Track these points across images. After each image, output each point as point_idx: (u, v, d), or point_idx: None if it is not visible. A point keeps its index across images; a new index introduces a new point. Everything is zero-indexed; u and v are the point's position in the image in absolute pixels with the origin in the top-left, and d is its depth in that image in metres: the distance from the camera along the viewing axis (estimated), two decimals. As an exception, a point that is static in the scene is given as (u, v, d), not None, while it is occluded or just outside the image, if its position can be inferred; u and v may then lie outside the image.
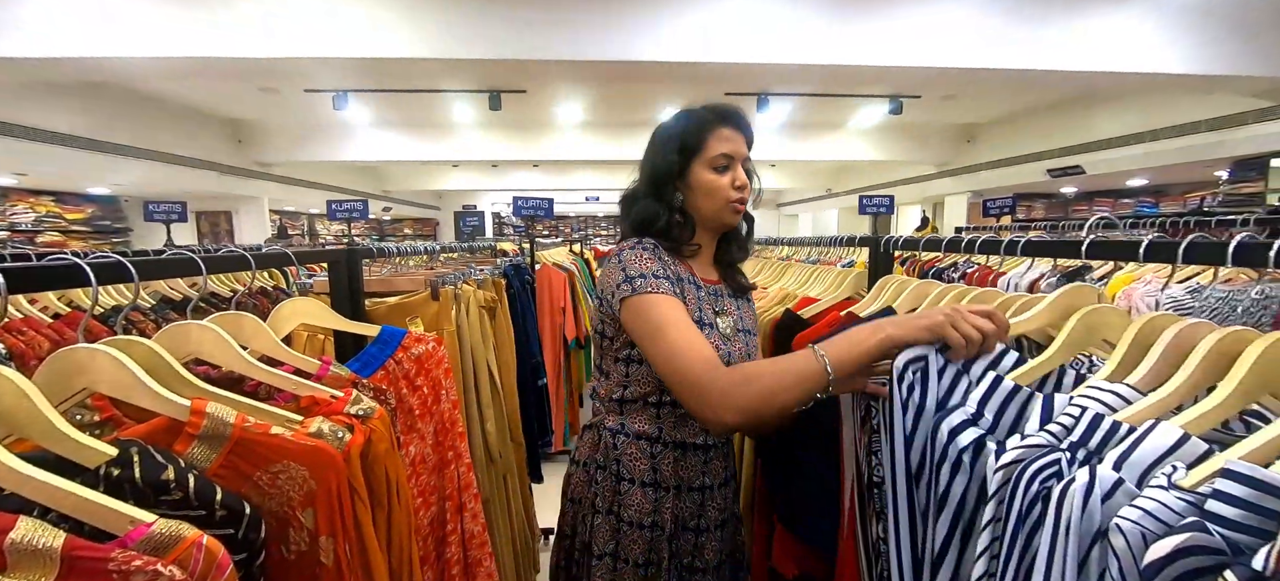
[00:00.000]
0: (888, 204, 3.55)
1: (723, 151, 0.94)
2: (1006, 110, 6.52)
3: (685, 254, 0.99)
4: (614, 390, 0.96)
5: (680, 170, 0.96)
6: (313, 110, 5.75)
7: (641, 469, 0.94)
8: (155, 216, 3.30)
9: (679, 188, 0.97)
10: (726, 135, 0.95)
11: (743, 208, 0.99)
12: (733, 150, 0.95)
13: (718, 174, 0.95)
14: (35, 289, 0.56)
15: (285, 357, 0.80)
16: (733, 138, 0.96)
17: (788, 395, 0.75)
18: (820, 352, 0.74)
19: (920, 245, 1.19)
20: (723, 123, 0.96)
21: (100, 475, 0.48)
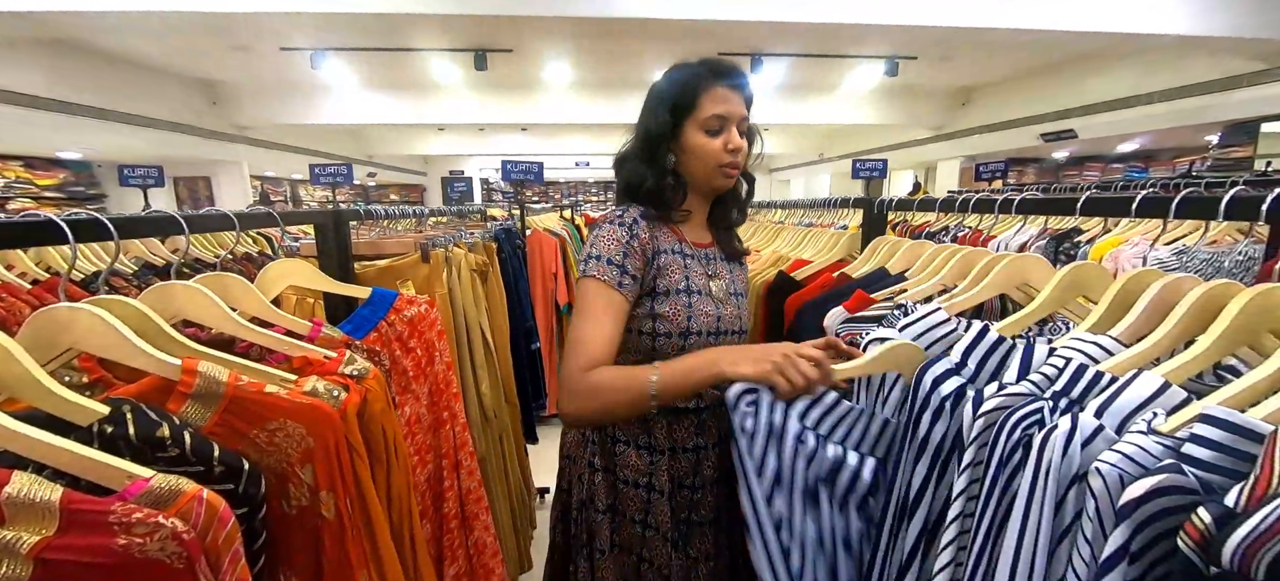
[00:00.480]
0: (881, 167, 3.54)
1: (716, 112, 0.91)
2: (1002, 72, 6.44)
3: (676, 219, 0.97)
4: None
5: (672, 131, 0.93)
6: (290, 69, 5.53)
7: (634, 432, 0.95)
8: (131, 181, 3.20)
9: (672, 149, 0.94)
10: (721, 94, 0.91)
11: (736, 172, 0.95)
12: (727, 110, 0.91)
13: (710, 136, 0.92)
14: (10, 245, 0.54)
15: (275, 319, 0.79)
16: (728, 96, 0.91)
17: (622, 411, 0.86)
18: (653, 379, 0.80)
19: (914, 205, 1.19)
20: (718, 80, 0.91)
21: (94, 432, 0.48)
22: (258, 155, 7.34)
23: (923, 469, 0.67)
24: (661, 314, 0.90)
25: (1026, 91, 6.34)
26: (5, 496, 0.37)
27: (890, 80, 5.50)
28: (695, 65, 0.93)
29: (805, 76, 6.54)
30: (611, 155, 1.03)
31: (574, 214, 4.26)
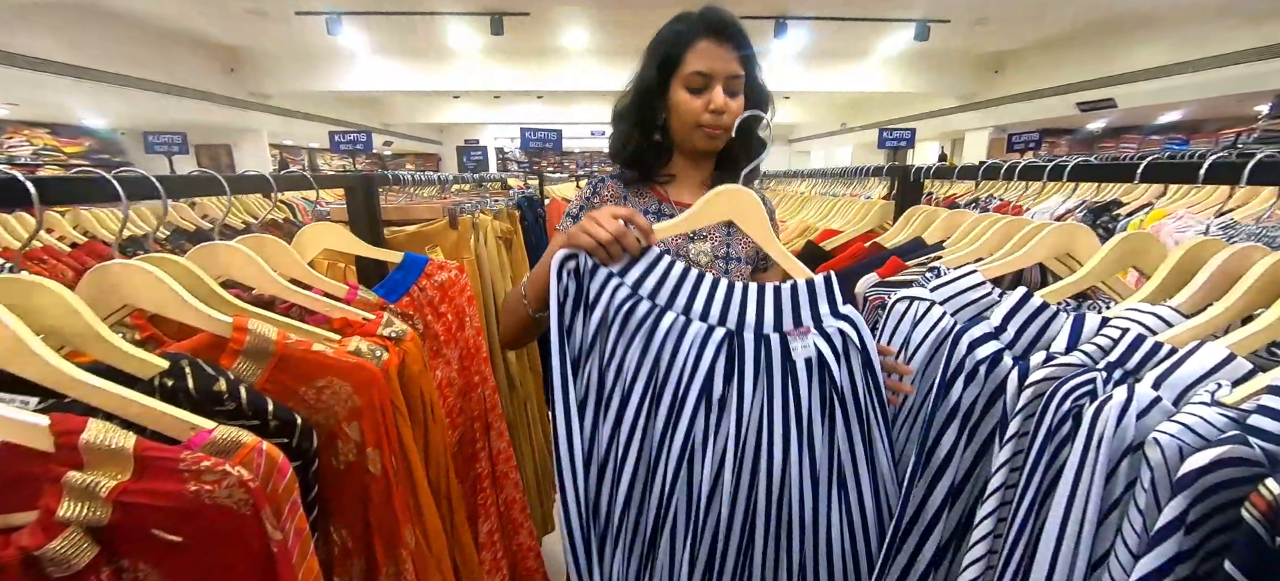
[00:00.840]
0: (909, 137, 3.43)
1: (698, 68, 0.85)
2: (1038, 38, 6.14)
3: (659, 180, 0.95)
4: None
5: (659, 87, 0.89)
6: (307, 35, 5.50)
7: None
8: (156, 148, 3.23)
9: (660, 106, 0.90)
10: (706, 48, 0.85)
11: (718, 133, 0.89)
12: (711, 67, 0.85)
13: (691, 94, 0.87)
14: (67, 202, 0.55)
15: (313, 281, 0.80)
16: (714, 52, 0.85)
17: (516, 322, 0.82)
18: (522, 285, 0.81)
19: (954, 173, 1.16)
20: (705, 33, 0.85)
21: (155, 386, 0.49)
22: (276, 123, 7.39)
23: (951, 433, 0.66)
24: None
25: (1063, 59, 6.05)
26: (83, 442, 0.38)
27: (919, 46, 5.30)
28: (690, 17, 0.88)
29: (832, 41, 6.32)
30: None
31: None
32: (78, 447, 0.38)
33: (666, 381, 0.65)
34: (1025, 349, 0.68)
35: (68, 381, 0.44)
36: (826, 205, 1.61)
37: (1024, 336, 0.68)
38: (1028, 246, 0.83)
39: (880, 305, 0.79)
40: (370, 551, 0.64)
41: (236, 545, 0.42)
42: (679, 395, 0.66)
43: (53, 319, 0.47)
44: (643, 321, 0.65)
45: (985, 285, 0.73)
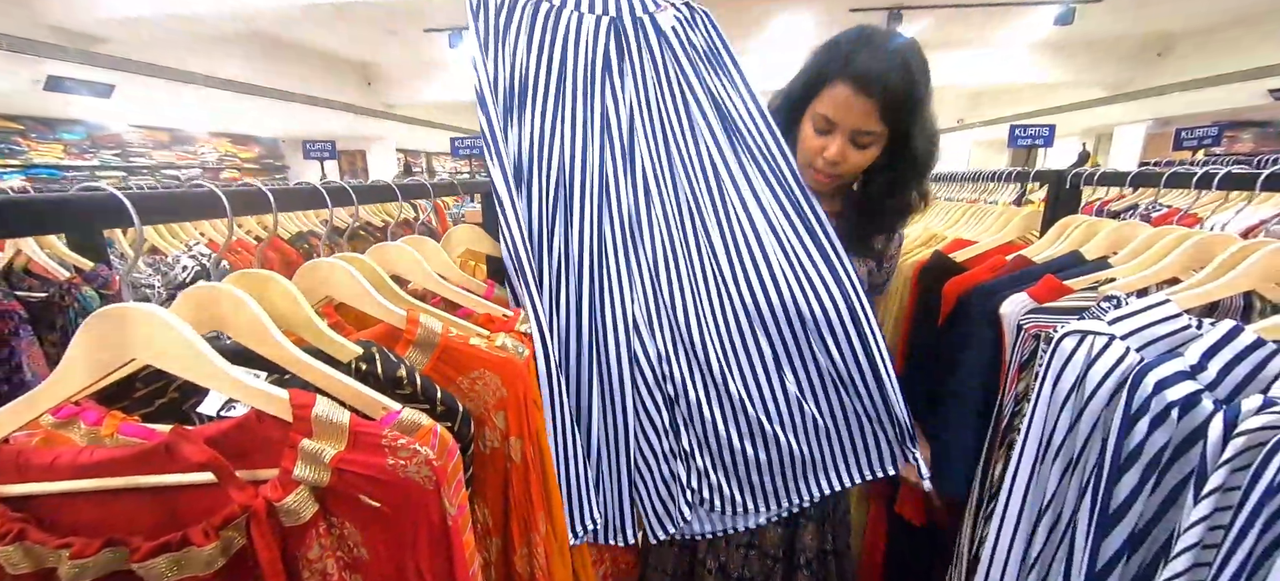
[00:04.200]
0: (1048, 135, 3.03)
1: (825, 112, 0.83)
2: (1216, 13, 5.15)
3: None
4: None
5: (800, 106, 0.88)
6: (431, 50, 6.07)
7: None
8: (312, 155, 3.75)
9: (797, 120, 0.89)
10: (840, 95, 0.81)
11: (827, 181, 0.87)
12: (839, 117, 0.82)
13: (815, 133, 0.85)
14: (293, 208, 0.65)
15: (457, 278, 0.88)
16: (848, 102, 0.80)
17: None
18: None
19: (1127, 180, 1.01)
20: (846, 79, 0.81)
21: (351, 368, 0.57)
22: (403, 131, 8.26)
23: (1133, 477, 0.59)
24: None
25: (1248, 36, 5.03)
26: (314, 415, 0.45)
27: (1062, 30, 4.66)
28: (847, 47, 0.83)
29: (953, 31, 5.76)
30: None
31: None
32: (310, 419, 0.45)
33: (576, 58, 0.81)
34: (1231, 392, 0.58)
35: (294, 362, 0.52)
36: (954, 211, 1.47)
37: (1230, 377, 0.58)
38: (1238, 271, 0.70)
39: (1038, 335, 0.71)
40: (507, 531, 0.69)
41: (421, 515, 0.47)
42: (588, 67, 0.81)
43: (281, 307, 0.56)
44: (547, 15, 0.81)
45: (1182, 317, 0.63)
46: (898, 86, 0.78)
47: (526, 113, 0.79)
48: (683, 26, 0.85)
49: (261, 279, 0.56)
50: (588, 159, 0.79)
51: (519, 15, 0.80)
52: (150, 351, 0.45)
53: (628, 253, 0.79)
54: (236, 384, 0.45)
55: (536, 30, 0.80)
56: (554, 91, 0.80)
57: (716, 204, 0.82)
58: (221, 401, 0.57)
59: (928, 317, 1.16)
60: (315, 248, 1.70)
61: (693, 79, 0.84)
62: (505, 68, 0.80)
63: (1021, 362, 0.83)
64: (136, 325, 0.44)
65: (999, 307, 0.89)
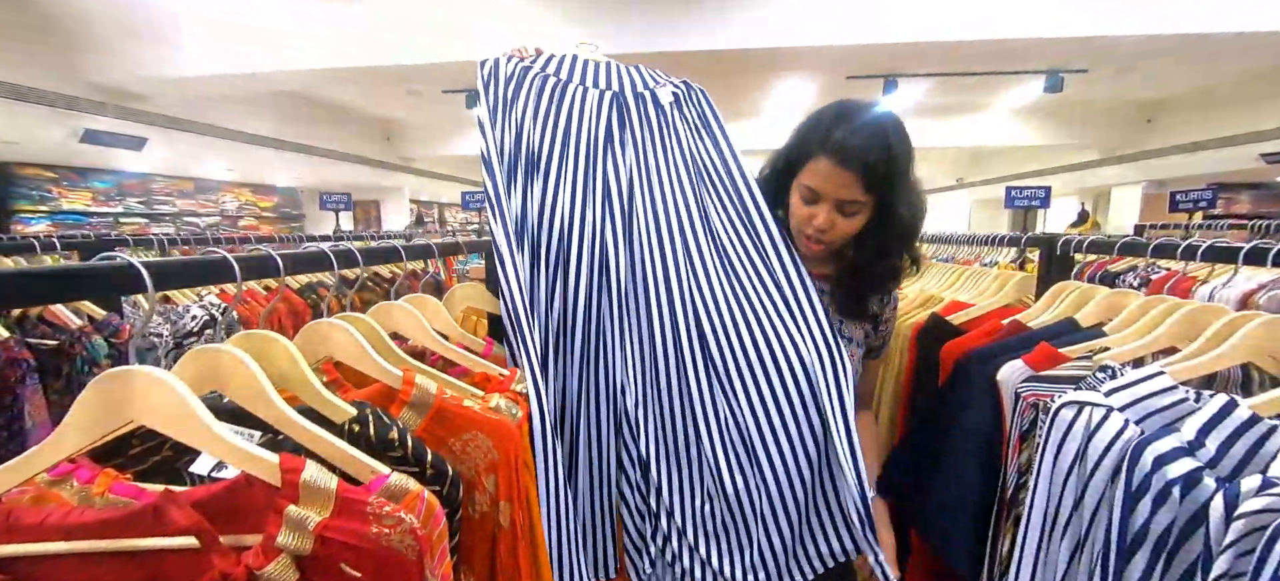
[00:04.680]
0: (1043, 197, 3.10)
1: (809, 184, 0.85)
2: (1202, 82, 5.35)
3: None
4: None
5: (785, 178, 0.91)
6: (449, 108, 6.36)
7: None
8: (328, 205, 3.89)
9: (786, 191, 0.92)
10: (823, 168, 0.83)
11: (818, 248, 0.89)
12: (822, 187, 0.84)
13: (802, 202, 0.88)
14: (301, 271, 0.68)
15: (457, 336, 0.90)
16: (831, 174, 0.82)
17: None
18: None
19: (1114, 248, 1.02)
20: (828, 153, 0.82)
21: (344, 430, 0.58)
22: (417, 182, 8.54)
23: (1142, 559, 0.57)
24: None
25: (1237, 103, 5.20)
26: (302, 480, 0.45)
27: (1052, 96, 4.84)
28: (828, 122, 0.85)
29: (947, 96, 6.01)
30: None
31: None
32: (298, 484, 0.45)
33: (580, 128, 0.87)
34: (1232, 470, 0.57)
35: (287, 423, 0.53)
36: (951, 274, 1.49)
37: (1229, 455, 0.57)
38: (1231, 344, 0.70)
39: (1037, 404, 0.71)
40: (493, 601, 0.67)
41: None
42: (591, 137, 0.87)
43: (281, 366, 0.57)
44: (554, 88, 0.89)
45: (1176, 390, 0.63)
46: (877, 159, 0.81)
47: (531, 180, 0.84)
48: (680, 101, 0.91)
49: (264, 339, 0.58)
50: (588, 224, 0.83)
51: (527, 88, 0.87)
52: (149, 413, 0.46)
53: (622, 319, 0.81)
54: (228, 447, 0.46)
55: (543, 102, 0.86)
56: (557, 160, 0.85)
57: (700, 269, 0.85)
58: (214, 461, 0.57)
59: (927, 380, 1.15)
60: (324, 297, 1.74)
61: (687, 147, 0.90)
62: (511, 136, 0.85)
63: (1022, 432, 0.82)
64: (139, 388, 0.45)
65: (996, 374, 0.88)
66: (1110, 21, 3.14)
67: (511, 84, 0.88)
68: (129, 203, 6.21)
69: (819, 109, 0.90)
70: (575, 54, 0.94)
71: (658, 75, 0.97)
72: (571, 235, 0.82)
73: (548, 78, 0.89)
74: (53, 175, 5.55)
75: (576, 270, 0.82)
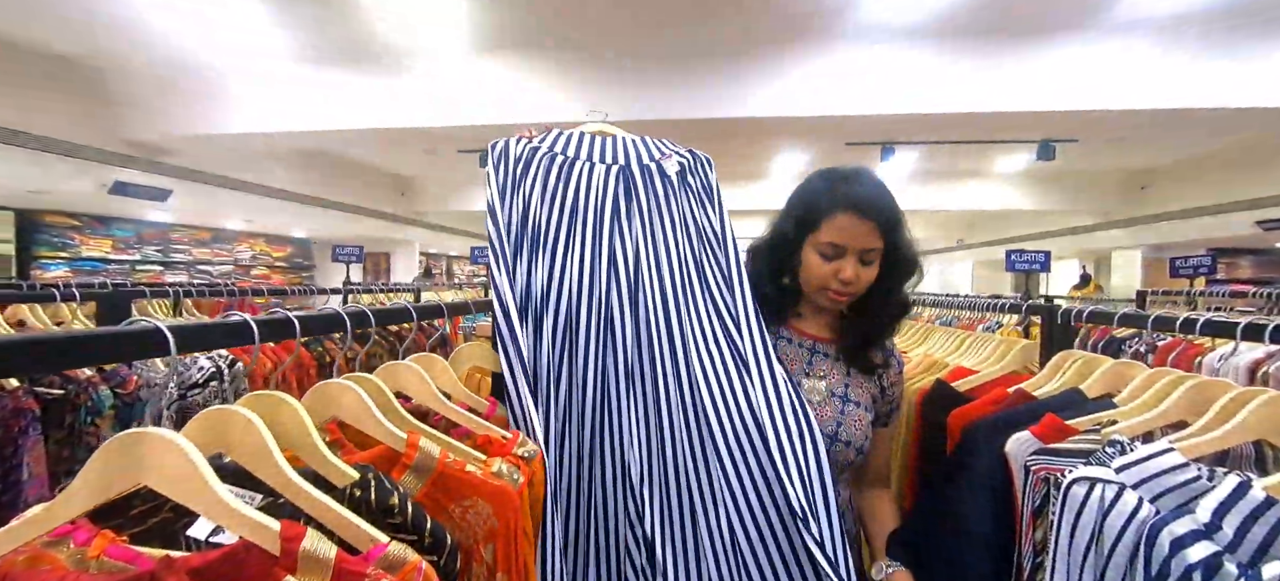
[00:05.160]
0: (1043, 261, 3.13)
1: (832, 240, 0.89)
2: (1194, 151, 5.50)
3: (788, 315, 1.00)
4: None
5: (795, 240, 0.94)
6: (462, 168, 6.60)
7: None
8: (340, 257, 3.98)
9: (793, 257, 0.95)
10: (845, 223, 0.88)
11: (843, 300, 0.92)
12: (846, 240, 0.88)
13: (823, 260, 0.90)
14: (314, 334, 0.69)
15: (461, 396, 0.90)
16: (851, 226, 0.88)
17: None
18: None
19: (1115, 319, 1.03)
20: (846, 208, 0.88)
21: (345, 494, 0.58)
22: (427, 235, 8.74)
23: None
24: None
25: (1230, 171, 5.32)
26: (301, 549, 0.45)
27: (1046, 163, 4.98)
28: (832, 183, 0.91)
29: (943, 162, 6.20)
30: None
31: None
32: (296, 554, 0.45)
33: (587, 203, 0.90)
34: (1253, 556, 0.55)
35: (289, 486, 0.53)
36: (955, 338, 1.49)
37: (1248, 539, 0.56)
38: (1240, 420, 0.70)
39: (1048, 479, 0.70)
40: (486, 680, 0.64)
41: (395, 664, 0.45)
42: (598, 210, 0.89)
43: (288, 429, 0.58)
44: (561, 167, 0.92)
45: (1189, 467, 0.62)
46: (887, 205, 0.89)
47: (538, 253, 0.87)
48: (686, 171, 0.95)
49: (273, 401, 0.59)
50: (595, 293, 0.85)
51: (535, 168, 0.91)
52: (158, 476, 0.46)
53: (628, 389, 0.82)
54: (232, 514, 0.46)
55: (551, 180, 0.90)
56: (565, 234, 0.88)
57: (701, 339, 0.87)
58: (212, 525, 0.57)
59: (934, 446, 1.14)
60: (330, 351, 1.75)
61: (691, 216, 0.93)
62: (518, 214, 0.88)
63: (1034, 509, 0.81)
64: (149, 451, 0.46)
65: (1004, 445, 0.87)
66: (1097, 96, 3.27)
67: (520, 165, 0.91)
68: (147, 251, 6.37)
69: (810, 177, 0.96)
70: (582, 130, 0.98)
71: (665, 145, 1.00)
72: (579, 304, 0.84)
73: (556, 156, 0.92)
74: (77, 223, 5.73)
75: (584, 339, 0.83)
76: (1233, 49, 3.14)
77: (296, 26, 3.44)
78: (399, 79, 3.90)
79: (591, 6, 3.17)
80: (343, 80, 3.95)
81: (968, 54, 3.36)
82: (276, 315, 0.64)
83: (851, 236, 0.88)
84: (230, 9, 3.20)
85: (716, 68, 3.58)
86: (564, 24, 3.40)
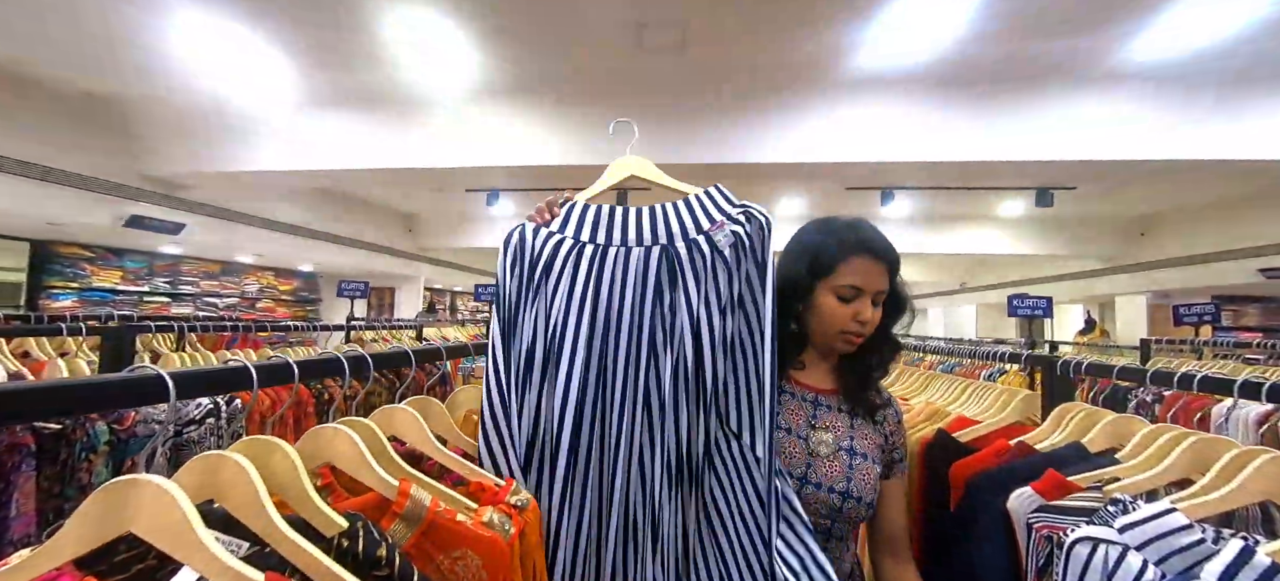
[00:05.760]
0: (1045, 306, 3.11)
1: (852, 282, 0.91)
2: (1191, 200, 5.56)
3: (791, 365, 0.98)
4: None
5: (807, 287, 0.94)
6: (469, 205, 6.73)
7: None
8: (345, 293, 4.01)
9: (801, 300, 0.95)
10: (862, 266, 0.91)
11: (857, 340, 0.93)
12: (864, 283, 0.91)
13: (841, 302, 0.92)
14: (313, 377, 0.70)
15: (456, 442, 0.90)
16: (868, 269, 0.91)
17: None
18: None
19: (1115, 372, 1.03)
20: (861, 251, 0.91)
21: (333, 544, 0.57)
22: (432, 271, 8.82)
23: None
24: None
25: (1233, 220, 5.35)
26: (284, 602, 0.45)
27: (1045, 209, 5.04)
28: (844, 230, 0.94)
29: (942, 206, 6.28)
30: None
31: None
32: (280, 606, 0.45)
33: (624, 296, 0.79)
34: (1263, 625, 0.54)
35: (276, 536, 0.52)
36: (957, 386, 1.48)
37: (1258, 610, 0.54)
38: (1242, 481, 0.69)
39: (1051, 538, 0.68)
40: None
41: None
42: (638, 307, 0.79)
43: (280, 475, 0.58)
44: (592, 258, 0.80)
45: (1193, 529, 0.61)
46: (893, 249, 0.93)
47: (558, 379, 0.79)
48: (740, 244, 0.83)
49: (266, 446, 0.59)
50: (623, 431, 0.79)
51: (560, 264, 0.80)
52: (146, 524, 0.46)
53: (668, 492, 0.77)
54: (220, 567, 0.46)
55: (582, 271, 0.80)
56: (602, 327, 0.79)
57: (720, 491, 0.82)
58: (195, 575, 0.56)
59: (937, 496, 1.11)
60: (330, 388, 1.75)
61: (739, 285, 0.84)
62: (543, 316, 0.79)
63: (1038, 569, 0.79)
64: (141, 497, 0.46)
65: (1006, 502, 0.86)
66: (1090, 147, 3.34)
67: (540, 265, 0.80)
68: (156, 282, 6.44)
69: (807, 227, 0.99)
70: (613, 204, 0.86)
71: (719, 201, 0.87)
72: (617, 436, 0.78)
73: (583, 246, 0.81)
74: (89, 254, 5.82)
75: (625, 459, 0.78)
76: (1225, 102, 3.22)
77: (315, 71, 3.59)
78: (412, 121, 4.03)
79: (597, 58, 3.30)
80: (358, 122, 4.09)
81: (962, 103, 3.45)
82: (275, 361, 0.64)
83: (867, 279, 0.91)
84: (252, 53, 3.35)
85: (721, 115, 3.69)
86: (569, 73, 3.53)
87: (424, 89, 3.79)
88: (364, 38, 3.14)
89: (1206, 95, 3.23)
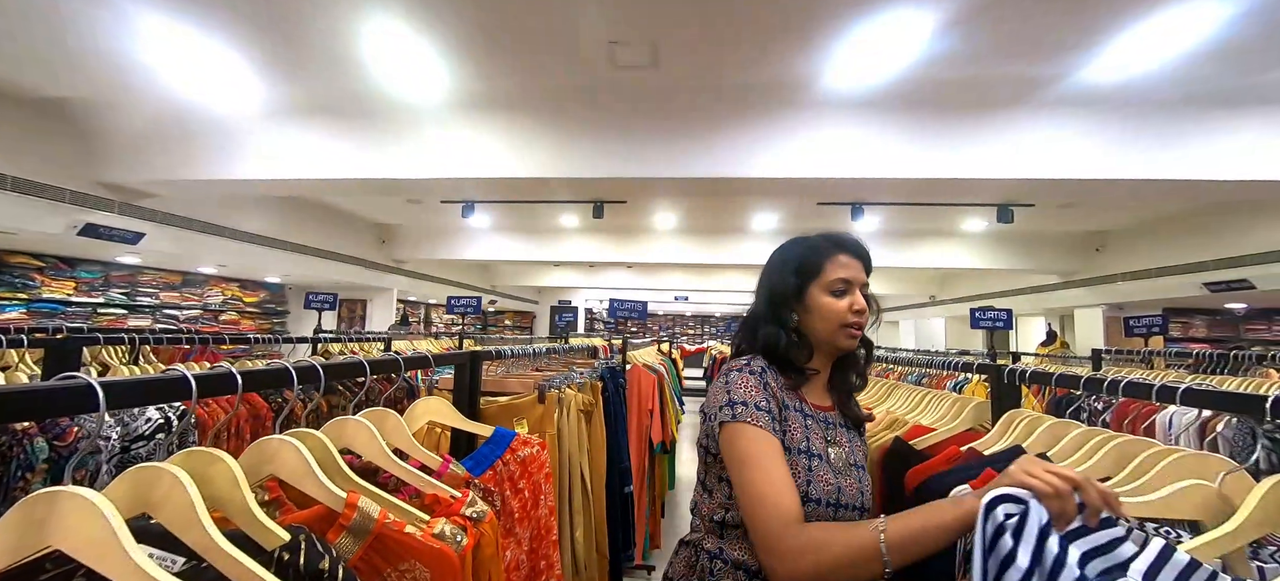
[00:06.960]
0: (1005, 319, 3.24)
1: (841, 276, 0.97)
2: (1143, 217, 5.86)
3: (802, 378, 0.97)
4: (715, 510, 0.92)
5: (797, 291, 0.98)
6: (444, 217, 6.66)
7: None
8: (313, 305, 3.91)
9: (795, 309, 0.98)
10: (844, 261, 0.98)
11: (858, 332, 0.98)
12: (851, 275, 0.97)
13: (835, 297, 0.97)
14: (260, 387, 0.68)
15: (414, 454, 0.89)
16: (850, 263, 0.98)
17: (843, 572, 0.70)
18: (882, 534, 0.68)
19: (1053, 379, 1.08)
20: (840, 250, 0.99)
21: (273, 557, 0.56)
22: (406, 283, 8.66)
23: None
24: None
25: (1180, 236, 5.65)
26: (215, 616, 0.44)
27: (1006, 226, 5.24)
28: (822, 237, 1.01)
29: (910, 222, 6.47)
30: (707, 291, 1.10)
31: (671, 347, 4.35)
32: (209, 621, 0.44)
33: None
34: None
35: (213, 551, 0.51)
36: (916, 396, 1.53)
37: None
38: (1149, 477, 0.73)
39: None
40: None
41: None
42: None
43: (219, 488, 0.57)
44: None
45: (1119, 526, 0.64)
46: (864, 245, 1.01)
47: None
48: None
49: (206, 458, 0.58)
50: None
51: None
52: (69, 538, 0.45)
53: None
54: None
55: None
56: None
57: None
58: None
59: (897, 502, 1.14)
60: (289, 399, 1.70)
61: None
62: None
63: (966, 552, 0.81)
64: (64, 510, 0.45)
65: (950, 500, 0.89)
66: (1047, 166, 3.50)
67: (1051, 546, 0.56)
68: (112, 294, 6.17)
69: (785, 245, 1.04)
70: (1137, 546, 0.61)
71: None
72: None
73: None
74: (40, 264, 5.55)
75: None
76: (1170, 125, 3.42)
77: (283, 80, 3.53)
78: (384, 133, 3.98)
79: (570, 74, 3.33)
80: (329, 132, 4.02)
81: (927, 123, 3.58)
82: (219, 369, 0.63)
83: (852, 271, 0.98)
84: (217, 60, 3.28)
85: (695, 132, 3.75)
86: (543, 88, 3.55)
87: (395, 102, 3.76)
88: (334, 48, 3.11)
89: (1154, 118, 3.42)
